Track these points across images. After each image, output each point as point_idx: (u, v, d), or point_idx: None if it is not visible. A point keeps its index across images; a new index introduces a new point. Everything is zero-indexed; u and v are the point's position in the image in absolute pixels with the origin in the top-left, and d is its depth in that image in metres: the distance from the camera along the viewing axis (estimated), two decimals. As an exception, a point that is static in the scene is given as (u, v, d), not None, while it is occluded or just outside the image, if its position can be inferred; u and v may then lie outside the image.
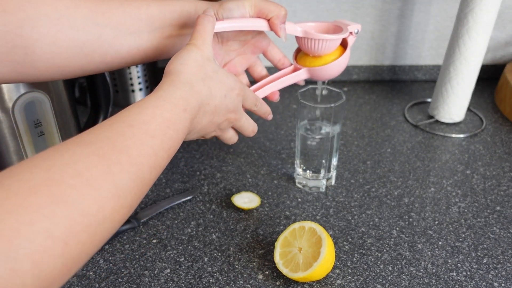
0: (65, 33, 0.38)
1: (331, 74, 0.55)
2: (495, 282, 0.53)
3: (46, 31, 0.36)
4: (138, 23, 0.42)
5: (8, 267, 0.22)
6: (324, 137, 0.64)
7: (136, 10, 0.42)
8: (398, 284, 0.53)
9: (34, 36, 0.36)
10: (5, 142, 0.51)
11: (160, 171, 0.34)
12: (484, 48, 0.78)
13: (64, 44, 0.38)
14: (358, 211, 0.64)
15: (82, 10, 0.38)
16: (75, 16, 0.38)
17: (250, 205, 0.63)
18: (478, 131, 0.84)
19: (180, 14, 0.45)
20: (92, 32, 0.39)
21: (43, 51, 0.37)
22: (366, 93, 1.00)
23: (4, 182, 0.25)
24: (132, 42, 0.43)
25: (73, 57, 0.39)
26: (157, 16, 0.44)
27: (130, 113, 0.33)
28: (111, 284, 0.52)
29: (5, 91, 0.49)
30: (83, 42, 0.39)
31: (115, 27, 0.41)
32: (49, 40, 0.37)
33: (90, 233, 0.26)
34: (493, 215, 0.63)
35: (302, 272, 0.50)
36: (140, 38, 0.43)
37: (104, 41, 0.40)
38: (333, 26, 0.56)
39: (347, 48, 0.55)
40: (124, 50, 0.42)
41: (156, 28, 0.44)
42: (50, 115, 0.54)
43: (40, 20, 0.36)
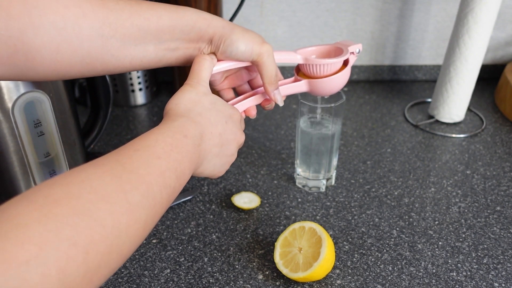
0: (69, 42, 0.37)
1: (331, 89, 0.56)
2: (495, 282, 0.53)
3: (50, 40, 0.36)
4: (146, 35, 0.42)
5: (39, 272, 0.24)
6: (324, 137, 0.64)
7: (146, 23, 0.41)
8: (398, 284, 0.53)
9: (37, 43, 0.35)
10: (5, 142, 0.51)
11: (171, 191, 0.36)
12: (484, 48, 0.78)
13: (67, 53, 0.37)
14: (358, 211, 0.64)
15: (90, 20, 0.38)
16: (81, 27, 0.37)
17: (250, 205, 0.63)
18: (478, 131, 0.84)
19: (191, 29, 0.44)
20: (97, 43, 0.39)
21: (45, 58, 0.36)
22: (366, 93, 1.00)
23: (30, 196, 0.27)
24: (137, 53, 0.42)
25: (75, 65, 0.39)
26: (167, 30, 0.43)
27: (136, 141, 0.36)
28: (111, 284, 0.52)
29: (5, 91, 0.49)
30: (86, 52, 0.38)
31: (121, 39, 0.40)
32: (52, 48, 0.36)
33: (107, 245, 0.28)
34: (493, 215, 0.63)
35: (302, 272, 0.50)
36: (145, 50, 0.42)
37: (108, 52, 0.40)
38: (334, 48, 0.57)
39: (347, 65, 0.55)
40: (127, 60, 0.42)
41: (164, 41, 0.43)
42: (50, 115, 0.54)
43: (45, 28, 0.35)
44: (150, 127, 0.86)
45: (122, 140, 0.81)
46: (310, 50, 0.57)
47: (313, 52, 0.58)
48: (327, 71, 0.54)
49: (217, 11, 0.85)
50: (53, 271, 0.25)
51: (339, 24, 0.98)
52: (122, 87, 0.92)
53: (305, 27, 0.99)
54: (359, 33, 1.00)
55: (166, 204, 0.36)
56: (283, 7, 0.96)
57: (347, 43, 0.57)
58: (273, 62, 0.49)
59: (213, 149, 0.43)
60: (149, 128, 0.90)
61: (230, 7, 0.95)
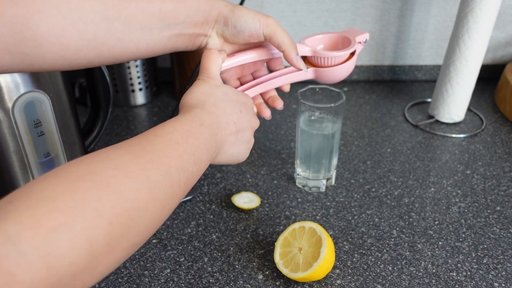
0: (75, 26, 0.38)
1: (337, 77, 0.56)
2: (495, 282, 0.53)
3: (55, 24, 0.37)
4: (150, 18, 0.42)
5: (67, 238, 0.26)
6: (324, 137, 0.64)
7: (149, 5, 0.42)
8: (398, 284, 0.53)
9: (43, 28, 0.36)
10: (5, 142, 0.51)
11: (189, 176, 0.37)
12: (484, 48, 0.78)
13: (73, 37, 0.38)
14: (358, 211, 0.64)
15: (93, 3, 0.38)
16: (85, 9, 0.38)
17: (250, 205, 0.63)
18: (478, 131, 0.84)
19: (195, 12, 0.45)
20: (102, 25, 0.39)
21: (52, 43, 0.37)
22: (366, 93, 1.00)
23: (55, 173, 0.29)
24: (142, 37, 0.42)
25: (82, 50, 0.39)
26: (171, 13, 0.43)
27: (154, 129, 0.38)
28: (111, 284, 0.52)
29: (5, 91, 0.49)
30: (92, 35, 0.39)
31: (125, 22, 0.41)
32: (58, 32, 0.37)
33: (129, 218, 0.30)
34: (493, 215, 0.63)
35: (302, 272, 0.50)
36: (151, 33, 0.43)
37: (113, 35, 0.40)
38: (341, 38, 0.57)
39: (354, 54, 0.55)
40: (132, 44, 0.42)
41: (168, 24, 0.44)
42: (50, 115, 0.54)
43: (50, 13, 0.36)
44: (150, 127, 0.86)
45: (122, 140, 0.81)
46: (317, 38, 0.57)
47: (320, 41, 0.58)
48: (334, 62, 0.54)
49: (217, 11, 0.85)
50: (80, 238, 0.26)
51: (339, 24, 0.98)
52: (122, 87, 0.92)
53: (305, 27, 0.99)
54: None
55: (184, 188, 0.37)
56: (283, 7, 0.96)
57: (354, 32, 0.56)
58: (283, 29, 0.49)
59: (229, 138, 0.44)
60: (149, 128, 0.90)
61: (230, 7, 0.95)
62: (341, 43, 0.57)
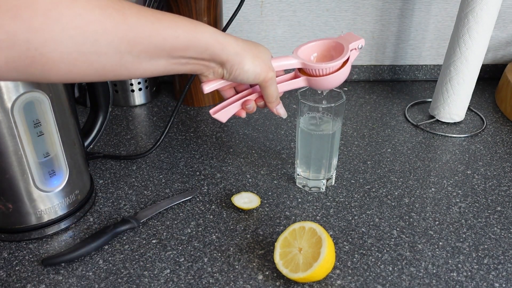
0: (87, 57, 0.37)
1: (331, 85, 0.56)
2: (496, 283, 0.53)
3: (69, 54, 0.36)
4: (160, 52, 0.42)
5: None
6: (324, 137, 0.64)
7: (163, 42, 0.42)
8: (398, 284, 0.52)
9: (55, 57, 0.35)
10: (4, 142, 0.51)
11: None
12: (485, 48, 0.78)
13: (83, 67, 0.38)
14: (358, 211, 0.64)
15: (110, 37, 0.38)
16: (100, 43, 0.37)
17: (250, 205, 0.63)
18: (479, 131, 0.84)
19: (204, 51, 0.46)
20: (114, 58, 0.39)
21: (61, 69, 0.37)
22: (366, 93, 0.99)
23: None
24: (149, 67, 0.43)
25: (88, 76, 0.39)
26: (181, 49, 0.44)
27: None
28: (110, 284, 0.52)
29: (4, 91, 0.49)
30: (102, 66, 0.39)
31: (136, 55, 0.41)
32: (69, 62, 0.37)
33: None
34: (494, 215, 0.63)
35: (302, 273, 0.50)
36: (157, 64, 0.43)
37: (122, 66, 0.40)
38: (335, 45, 0.57)
39: (348, 61, 0.55)
40: (138, 73, 0.43)
41: (176, 57, 0.44)
42: (50, 115, 0.54)
43: (65, 43, 0.35)
44: (150, 127, 0.86)
45: (122, 140, 0.81)
46: (311, 46, 0.57)
47: (314, 49, 0.58)
48: (326, 72, 0.55)
49: (217, 11, 0.84)
50: None
51: (339, 24, 0.98)
52: (122, 87, 0.92)
53: (305, 27, 0.99)
54: (359, 33, 1.00)
55: None
56: (283, 7, 0.96)
57: (349, 38, 0.56)
58: (275, 87, 0.54)
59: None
60: (149, 128, 0.90)
61: (230, 7, 0.95)
62: (335, 50, 0.57)
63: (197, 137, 0.82)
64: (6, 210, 0.56)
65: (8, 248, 0.57)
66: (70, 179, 0.59)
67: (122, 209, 0.64)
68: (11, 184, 0.54)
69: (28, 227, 0.58)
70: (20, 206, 0.56)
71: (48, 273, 0.54)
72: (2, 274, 0.54)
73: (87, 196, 0.63)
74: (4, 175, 0.53)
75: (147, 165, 0.74)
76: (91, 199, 0.64)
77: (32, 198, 0.56)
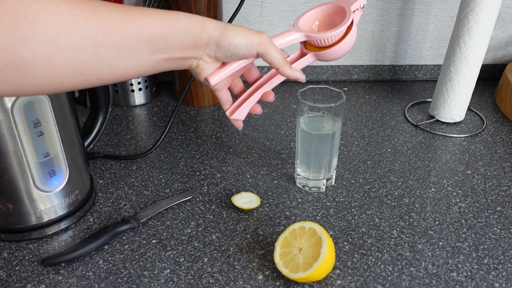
0: (62, 52, 0.36)
1: (341, 53, 0.53)
2: (496, 283, 0.53)
3: (42, 51, 0.35)
4: (139, 43, 0.41)
5: None
6: (324, 137, 0.64)
7: (139, 29, 0.40)
8: (398, 284, 0.52)
9: (29, 55, 0.34)
10: (4, 142, 0.51)
11: None
12: (485, 48, 0.78)
13: (60, 63, 0.36)
14: (358, 211, 0.64)
15: (82, 28, 0.36)
16: (73, 35, 0.36)
17: (250, 205, 0.63)
18: (479, 131, 0.84)
19: (184, 36, 0.44)
20: (90, 51, 0.38)
21: (38, 70, 0.35)
22: (366, 93, 0.99)
23: None
24: (131, 61, 0.41)
25: (69, 75, 0.38)
26: (161, 37, 0.42)
27: None
28: (110, 284, 0.52)
29: (4, 91, 0.49)
30: (79, 61, 0.37)
31: (114, 47, 0.39)
32: (44, 59, 0.35)
33: None
34: (494, 215, 0.63)
35: (302, 273, 0.50)
36: (140, 58, 0.42)
37: (102, 60, 0.39)
38: (336, 9, 0.53)
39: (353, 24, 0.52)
40: (121, 69, 0.41)
41: (158, 48, 0.43)
42: (50, 115, 0.54)
43: (36, 39, 0.34)
44: (150, 127, 0.86)
45: (122, 140, 0.81)
46: (311, 15, 0.54)
47: (315, 18, 0.54)
48: (333, 40, 0.51)
49: (217, 11, 0.84)
50: None
51: (339, 24, 0.98)
52: (122, 87, 0.92)
53: (305, 27, 0.98)
54: (359, 33, 1.00)
55: None
56: (283, 7, 0.96)
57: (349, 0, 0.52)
58: (275, 48, 0.49)
59: None
60: (149, 128, 0.90)
61: (230, 7, 0.95)
62: (337, 15, 0.53)
63: (197, 137, 0.82)
64: (6, 210, 0.56)
65: (8, 248, 0.57)
66: (70, 179, 0.59)
67: (122, 209, 0.64)
68: (11, 184, 0.54)
69: (28, 227, 0.58)
70: (20, 206, 0.56)
71: (48, 273, 0.54)
72: (2, 274, 0.54)
73: (87, 196, 0.63)
74: (4, 175, 0.53)
75: (147, 165, 0.74)
76: (91, 199, 0.64)
77: (32, 198, 0.56)
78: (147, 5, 0.88)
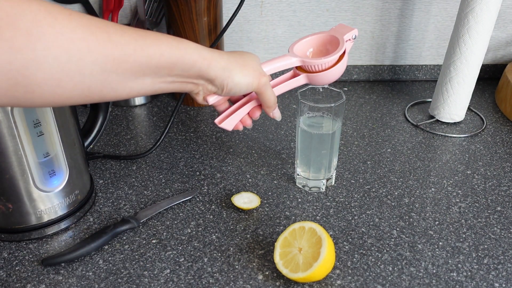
0: (71, 77, 0.36)
1: (330, 79, 0.56)
2: (496, 283, 0.53)
3: (52, 74, 0.35)
4: (145, 70, 0.41)
5: None
6: (324, 137, 0.64)
7: (148, 59, 0.41)
8: (398, 284, 0.52)
9: (38, 77, 0.34)
10: (4, 142, 0.51)
11: None
12: (485, 48, 0.78)
13: (67, 87, 0.36)
14: (358, 211, 0.64)
15: (94, 55, 0.36)
16: (85, 61, 0.36)
17: (250, 205, 0.63)
18: (479, 131, 0.84)
19: (190, 68, 0.45)
20: (99, 77, 0.38)
21: (45, 91, 0.36)
22: (366, 93, 0.99)
23: None
24: (135, 86, 0.42)
25: (73, 97, 0.38)
26: (167, 66, 0.43)
27: None
28: (110, 284, 0.52)
29: (4, 91, 0.49)
30: (87, 86, 0.38)
31: (122, 74, 0.39)
32: (53, 83, 0.35)
33: None
34: (494, 215, 0.63)
35: (302, 273, 0.50)
36: (144, 82, 0.42)
37: (108, 86, 0.39)
38: (330, 38, 0.57)
39: (345, 53, 0.55)
40: (125, 93, 0.42)
41: (162, 75, 0.43)
42: (50, 115, 0.54)
43: (48, 63, 0.34)
44: (150, 127, 0.86)
45: (122, 140, 0.81)
46: (306, 42, 0.57)
47: (309, 45, 0.58)
48: (325, 66, 0.54)
49: (217, 11, 0.84)
50: None
51: (339, 24, 0.98)
52: (122, 87, 0.91)
53: (305, 27, 0.99)
54: (359, 33, 1.00)
55: None
56: (283, 7, 0.96)
57: (342, 30, 0.56)
58: (271, 91, 0.54)
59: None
60: (149, 128, 0.90)
61: (230, 7, 0.95)
62: (330, 44, 0.57)
63: (197, 137, 0.82)
64: (6, 210, 0.56)
65: (8, 248, 0.57)
66: (70, 179, 0.59)
67: (122, 209, 0.64)
68: (11, 184, 0.54)
69: (28, 227, 0.58)
70: (20, 206, 0.56)
71: (48, 273, 0.54)
72: (2, 274, 0.54)
73: (87, 196, 0.63)
74: (4, 175, 0.53)
75: (147, 165, 0.74)
76: (91, 199, 0.64)
77: (32, 198, 0.56)
78: (147, 5, 0.88)
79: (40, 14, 0.33)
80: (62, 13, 0.35)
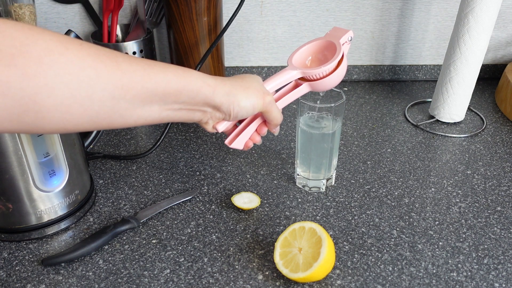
0: (81, 103, 0.37)
1: (333, 84, 0.57)
2: (496, 283, 0.53)
3: (62, 101, 0.36)
4: (153, 97, 0.42)
5: None
6: (324, 137, 0.64)
7: (155, 86, 0.42)
8: (398, 284, 0.52)
9: (49, 104, 0.35)
10: (4, 142, 0.51)
11: None
12: (485, 48, 0.78)
13: (77, 113, 0.37)
14: (358, 211, 0.64)
15: (103, 82, 0.38)
16: (94, 88, 0.37)
17: (250, 205, 0.63)
18: (479, 131, 0.84)
19: (196, 95, 0.46)
20: (108, 104, 0.39)
21: (55, 117, 0.36)
22: (366, 93, 0.99)
23: None
24: (142, 113, 0.43)
25: (82, 124, 0.39)
26: (173, 93, 0.44)
27: None
28: (110, 284, 0.52)
29: (4, 91, 0.49)
30: (96, 112, 0.39)
31: (130, 100, 0.40)
32: (63, 108, 0.36)
33: None
34: (494, 215, 0.63)
35: (302, 273, 0.50)
36: (151, 110, 0.43)
37: (116, 112, 0.40)
38: (327, 44, 0.57)
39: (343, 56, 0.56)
40: (132, 120, 0.43)
41: (168, 103, 0.45)
42: (50, 115, 0.54)
43: (59, 89, 0.35)
44: (150, 127, 0.86)
45: (122, 140, 0.81)
46: (304, 51, 0.58)
47: (307, 53, 0.58)
48: (326, 73, 0.55)
49: (217, 11, 0.84)
50: None
51: (339, 24, 0.98)
52: (122, 87, 0.91)
53: (305, 27, 0.99)
54: (359, 33, 1.00)
55: None
56: (283, 7, 0.96)
57: (338, 33, 0.57)
58: (277, 109, 0.55)
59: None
60: (149, 128, 0.90)
61: (230, 7, 0.95)
62: (327, 49, 0.57)
63: (197, 137, 0.82)
64: (6, 210, 0.56)
65: (8, 248, 0.57)
66: (70, 179, 0.59)
67: (122, 209, 0.64)
68: (11, 184, 0.54)
69: (28, 227, 0.58)
70: (20, 206, 0.56)
71: (48, 273, 0.54)
72: (2, 274, 0.54)
73: (87, 196, 0.63)
74: (4, 175, 0.53)
75: (147, 165, 0.74)
76: (91, 199, 0.64)
77: (32, 198, 0.56)
78: (147, 5, 0.88)
79: (52, 43, 0.34)
80: (72, 43, 0.36)
